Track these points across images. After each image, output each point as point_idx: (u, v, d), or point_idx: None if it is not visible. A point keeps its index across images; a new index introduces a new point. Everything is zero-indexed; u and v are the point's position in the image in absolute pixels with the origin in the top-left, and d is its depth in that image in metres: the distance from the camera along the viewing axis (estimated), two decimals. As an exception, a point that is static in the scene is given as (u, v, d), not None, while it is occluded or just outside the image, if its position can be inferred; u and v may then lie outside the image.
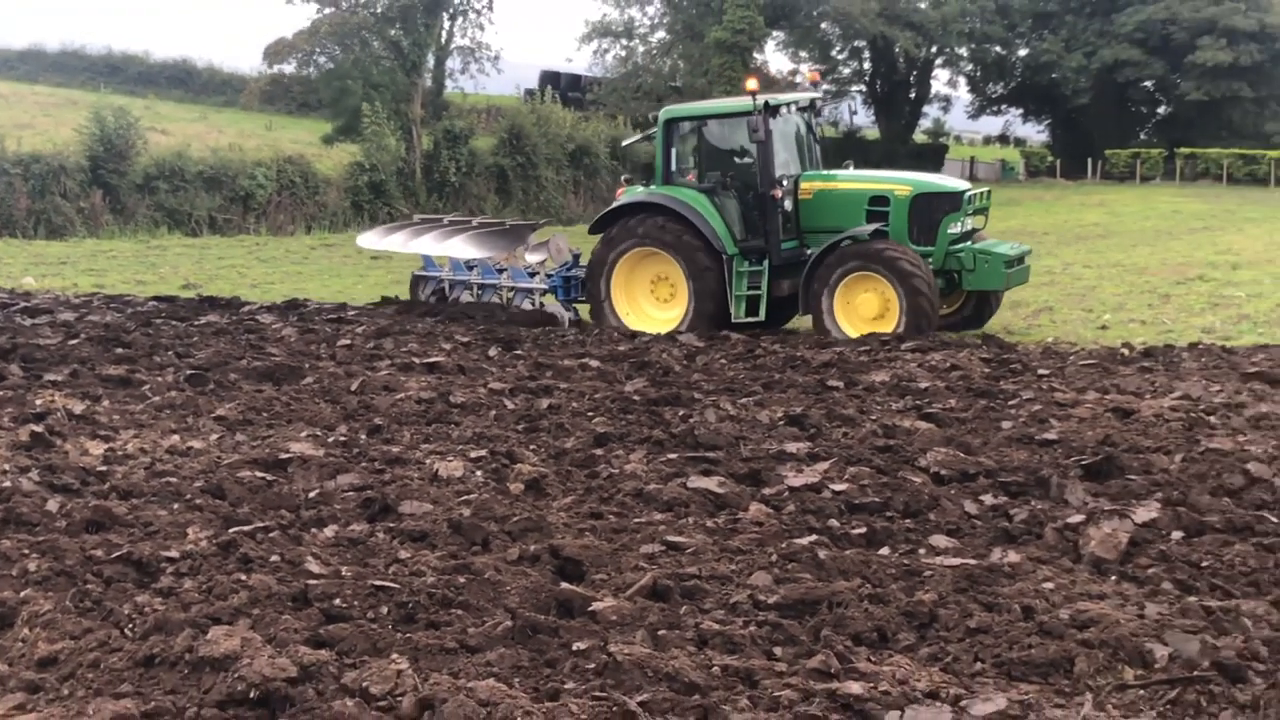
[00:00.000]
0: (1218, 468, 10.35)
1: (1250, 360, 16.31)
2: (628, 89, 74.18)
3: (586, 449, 11.20)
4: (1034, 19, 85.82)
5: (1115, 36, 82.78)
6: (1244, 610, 7.19)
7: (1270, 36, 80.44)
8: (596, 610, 6.96)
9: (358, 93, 53.13)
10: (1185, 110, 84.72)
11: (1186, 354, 17.12)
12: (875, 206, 20.05)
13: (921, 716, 5.65)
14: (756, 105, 19.79)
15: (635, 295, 20.61)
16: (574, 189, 54.55)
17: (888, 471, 10.31)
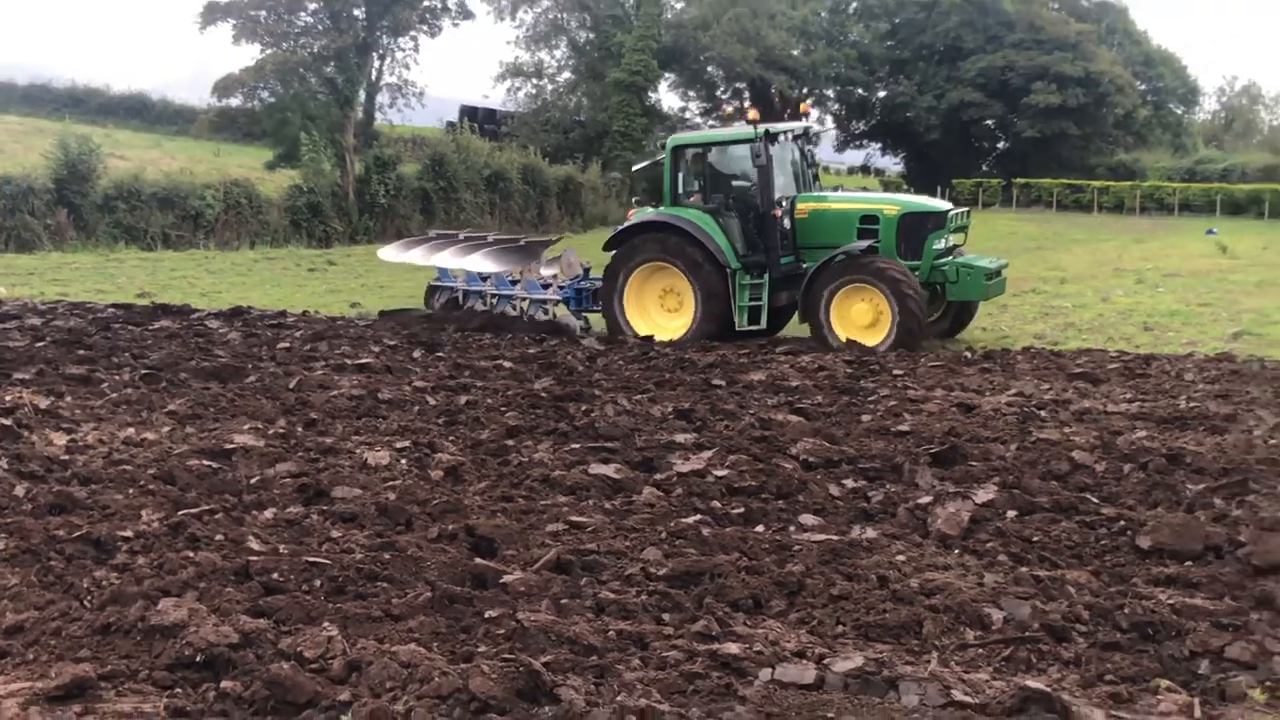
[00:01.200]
0: (1047, 455, 10.47)
1: (1075, 362, 16.56)
2: (537, 122, 74.26)
3: (499, 440, 11.14)
4: (891, 65, 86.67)
5: (961, 81, 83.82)
6: (1068, 579, 7.28)
7: (1094, 81, 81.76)
8: (507, 582, 6.94)
9: (297, 124, 52.79)
10: (1021, 145, 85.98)
11: (1020, 357, 17.35)
12: (866, 225, 19.83)
13: (789, 673, 5.67)
14: (758, 133, 19.63)
15: (646, 306, 20.27)
16: (490, 210, 54.45)
17: (763, 459, 10.32)
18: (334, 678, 5.54)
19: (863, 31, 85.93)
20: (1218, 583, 7.35)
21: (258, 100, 58.43)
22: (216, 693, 5.51)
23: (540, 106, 77.38)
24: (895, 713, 5.28)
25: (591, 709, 5.12)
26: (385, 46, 62.09)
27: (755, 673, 5.72)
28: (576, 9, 78.38)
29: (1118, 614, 6.58)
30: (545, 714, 5.13)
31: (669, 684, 5.61)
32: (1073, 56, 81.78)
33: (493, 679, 5.28)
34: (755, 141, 19.65)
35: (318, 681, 5.47)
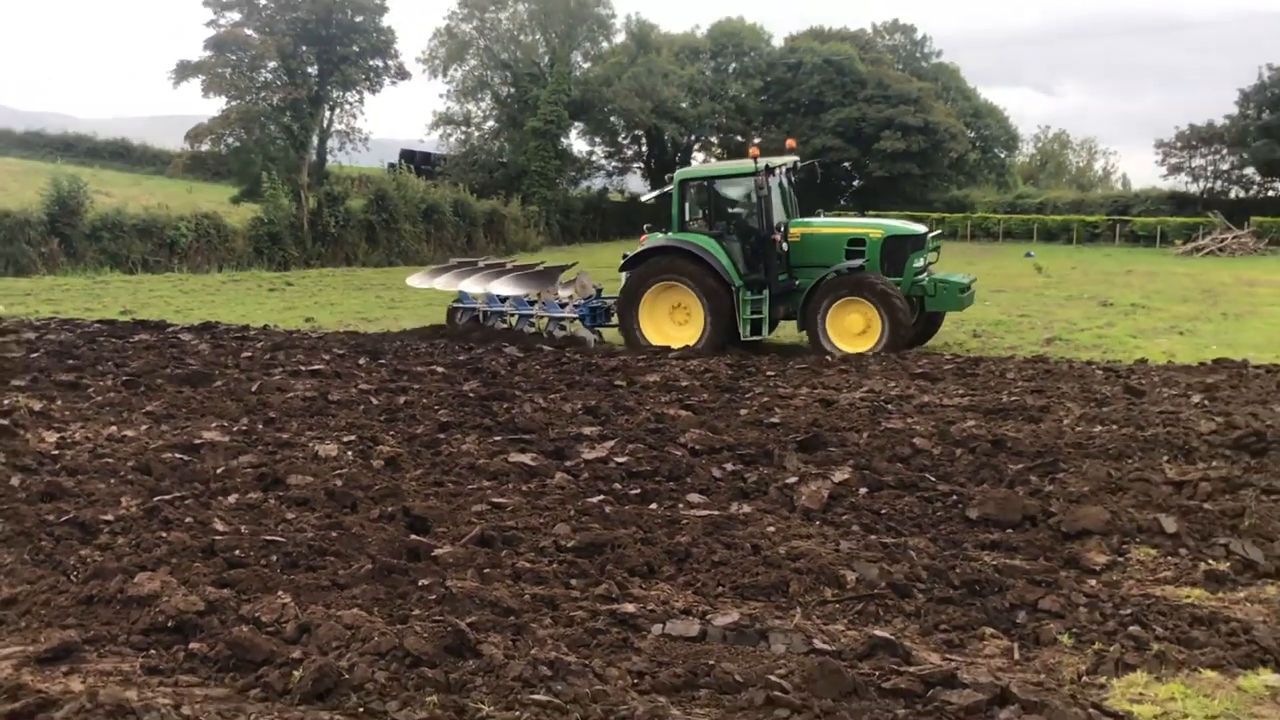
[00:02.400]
0: (893, 442, 10.56)
1: (916, 364, 16.72)
2: (466, 163, 74.01)
3: (433, 434, 11.04)
4: (764, 116, 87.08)
5: (823, 130, 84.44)
6: (910, 545, 7.35)
7: (933, 130, 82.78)
8: (438, 555, 6.88)
9: (259, 164, 52.41)
10: (873, 183, 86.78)
11: (871, 360, 17.49)
12: (853, 247, 19.51)
13: (677, 627, 5.67)
14: (759, 167, 19.33)
15: (658, 319, 19.85)
16: (426, 239, 54.07)
17: (657, 447, 10.32)
18: (287, 639, 5.47)
19: (740, 88, 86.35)
20: (1033, 546, 7.47)
21: (225, 145, 58.03)
22: (185, 653, 5.43)
23: (469, 150, 77.16)
24: (765, 659, 5.30)
25: (509, 661, 5.09)
26: (335, 99, 61.85)
27: (648, 628, 5.72)
28: (499, 67, 78.25)
29: (951, 574, 6.65)
30: (469, 666, 5.09)
31: (576, 639, 5.60)
32: (915, 109, 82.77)
33: (424, 637, 5.23)
34: (757, 175, 19.32)
35: (273, 642, 5.39)
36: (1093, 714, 4.72)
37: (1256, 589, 6.74)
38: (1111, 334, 21.22)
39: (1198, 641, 5.79)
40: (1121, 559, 7.26)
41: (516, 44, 78.26)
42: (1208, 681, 5.36)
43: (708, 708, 4.87)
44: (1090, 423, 11.74)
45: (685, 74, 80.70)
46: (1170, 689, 5.28)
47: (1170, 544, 7.48)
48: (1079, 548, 7.38)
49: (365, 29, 59.81)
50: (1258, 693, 5.24)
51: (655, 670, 5.16)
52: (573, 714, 4.61)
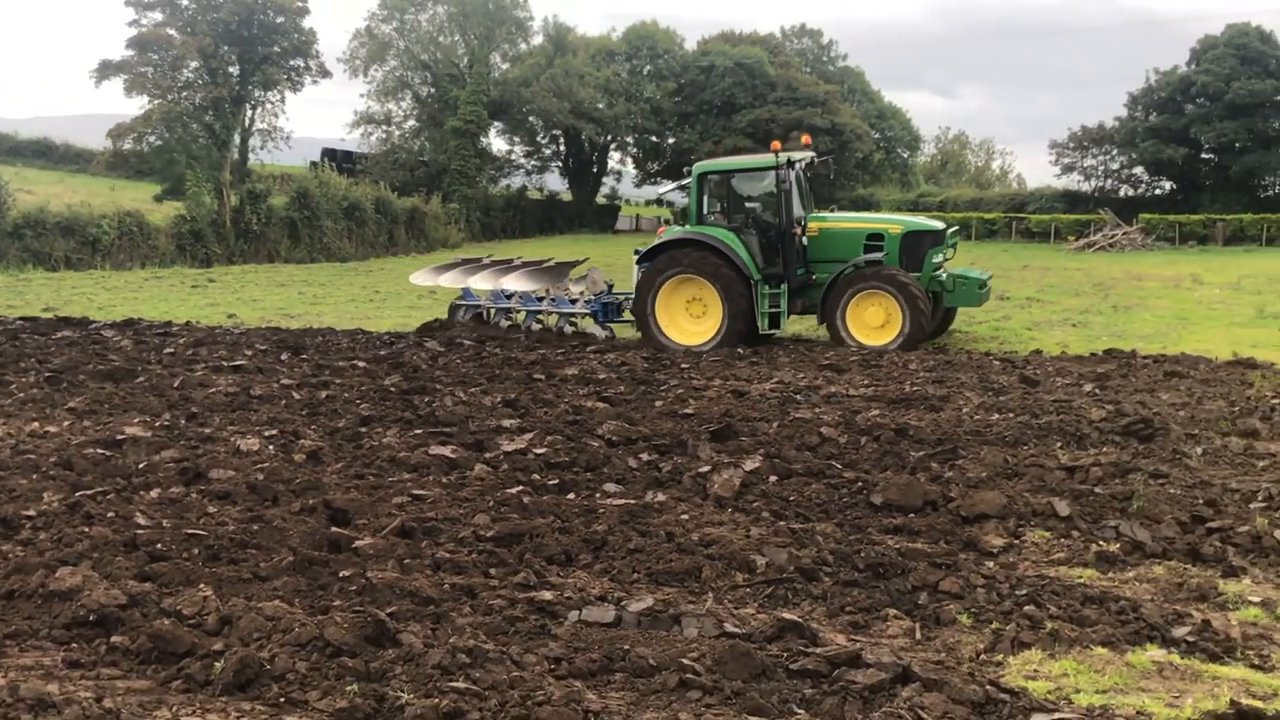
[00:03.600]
0: (801, 431, 10.63)
1: (824, 356, 16.87)
2: (388, 162, 73.58)
3: (354, 427, 10.91)
4: (678, 117, 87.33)
5: (734, 130, 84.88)
6: (818, 530, 7.41)
7: (839, 131, 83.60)
8: (358, 546, 6.80)
9: (181, 163, 51.71)
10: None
11: (781, 352, 17.62)
12: (872, 241, 19.12)
13: (593, 614, 5.66)
14: (780, 160, 18.95)
15: (673, 313, 19.30)
16: (348, 236, 53.53)
17: (575, 439, 10.30)
18: (209, 631, 5.38)
19: (655, 89, 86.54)
20: (934, 530, 7.56)
21: (147, 143, 57.12)
22: (107, 646, 5.33)
23: (390, 148, 76.72)
24: (678, 643, 5.31)
25: (428, 650, 5.05)
26: (256, 98, 61.18)
27: (565, 614, 5.71)
28: (419, 68, 77.79)
29: (856, 557, 6.71)
30: (389, 655, 5.04)
31: (494, 626, 5.57)
32: (822, 111, 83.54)
33: (345, 628, 5.17)
34: (779, 168, 18.95)
35: (195, 634, 5.30)
36: (989, 690, 4.78)
37: (1144, 569, 6.88)
38: (1008, 326, 21.56)
39: (1089, 619, 5.89)
40: (1017, 541, 7.38)
41: (436, 45, 77.85)
42: (1098, 658, 5.46)
43: (623, 691, 4.87)
44: (988, 411, 11.93)
45: (601, 75, 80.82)
46: (1063, 665, 5.37)
47: (1063, 526, 7.63)
48: (977, 531, 7.49)
49: (286, 30, 59.19)
50: (1145, 668, 5.35)
51: (572, 656, 5.15)
52: (490, 700, 4.58)
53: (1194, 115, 78.35)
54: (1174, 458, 9.62)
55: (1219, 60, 77.23)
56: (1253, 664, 5.47)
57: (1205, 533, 7.49)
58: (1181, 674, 5.30)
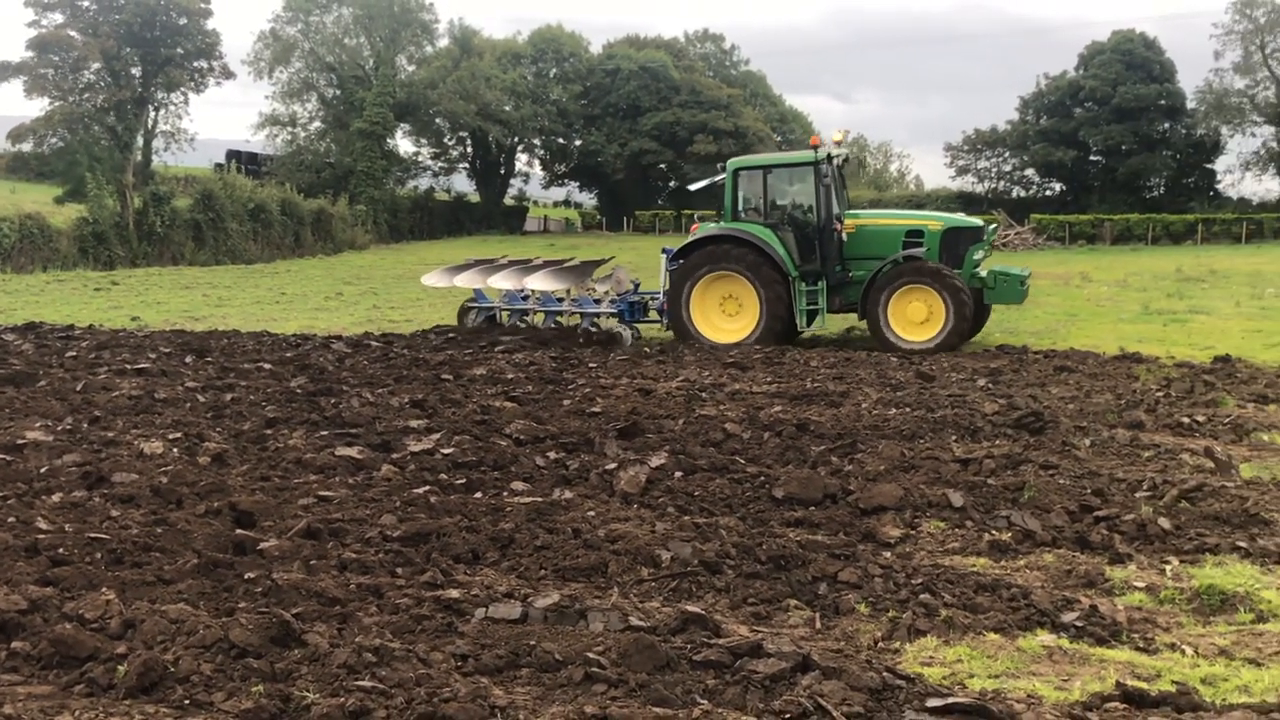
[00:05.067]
0: (706, 427, 10.69)
1: (729, 355, 16.97)
2: (293, 163, 72.72)
3: (259, 430, 10.73)
4: (585, 120, 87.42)
5: (640, 133, 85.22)
6: (721, 524, 7.44)
7: (742, 134, 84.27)
8: (264, 548, 6.70)
9: (83, 165, 50.46)
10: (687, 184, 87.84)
11: (687, 352, 17.69)
12: (911, 239, 18.72)
13: (500, 610, 5.64)
14: (820, 156, 18.59)
15: (707, 310, 18.93)
16: (254, 238, 52.71)
17: (482, 438, 10.24)
18: (112, 634, 5.25)
19: (561, 92, 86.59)
20: (833, 522, 7.66)
21: (48, 145, 55.79)
22: (8, 652, 5.18)
23: (295, 150, 75.84)
24: (584, 637, 5.31)
25: (334, 649, 4.99)
26: (159, 100, 60.06)
27: (472, 612, 5.67)
28: (324, 70, 76.95)
29: (758, 550, 6.76)
30: (295, 656, 4.98)
31: (400, 625, 5.52)
32: (725, 114, 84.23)
33: (250, 629, 5.10)
34: (819, 163, 18.63)
35: (98, 638, 5.18)
36: (886, 677, 4.86)
37: (1035, 557, 7.04)
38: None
39: (982, 607, 6.01)
40: (914, 532, 7.50)
41: (341, 47, 77.04)
42: (991, 643, 5.57)
43: (529, 686, 4.86)
44: (886, 406, 12.10)
45: (508, 78, 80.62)
46: (957, 651, 5.47)
47: (957, 517, 7.77)
48: (875, 523, 7.60)
49: (189, 31, 58.22)
50: (1035, 652, 5.47)
51: (478, 652, 5.13)
52: (397, 698, 4.54)
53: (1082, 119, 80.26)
54: (1063, 449, 9.84)
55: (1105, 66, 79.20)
56: (1138, 647, 5.61)
57: (1093, 521, 7.67)
58: (1070, 657, 5.43)
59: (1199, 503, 8.10)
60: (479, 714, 4.45)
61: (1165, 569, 6.79)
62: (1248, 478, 9.07)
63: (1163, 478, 8.79)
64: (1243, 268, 40.39)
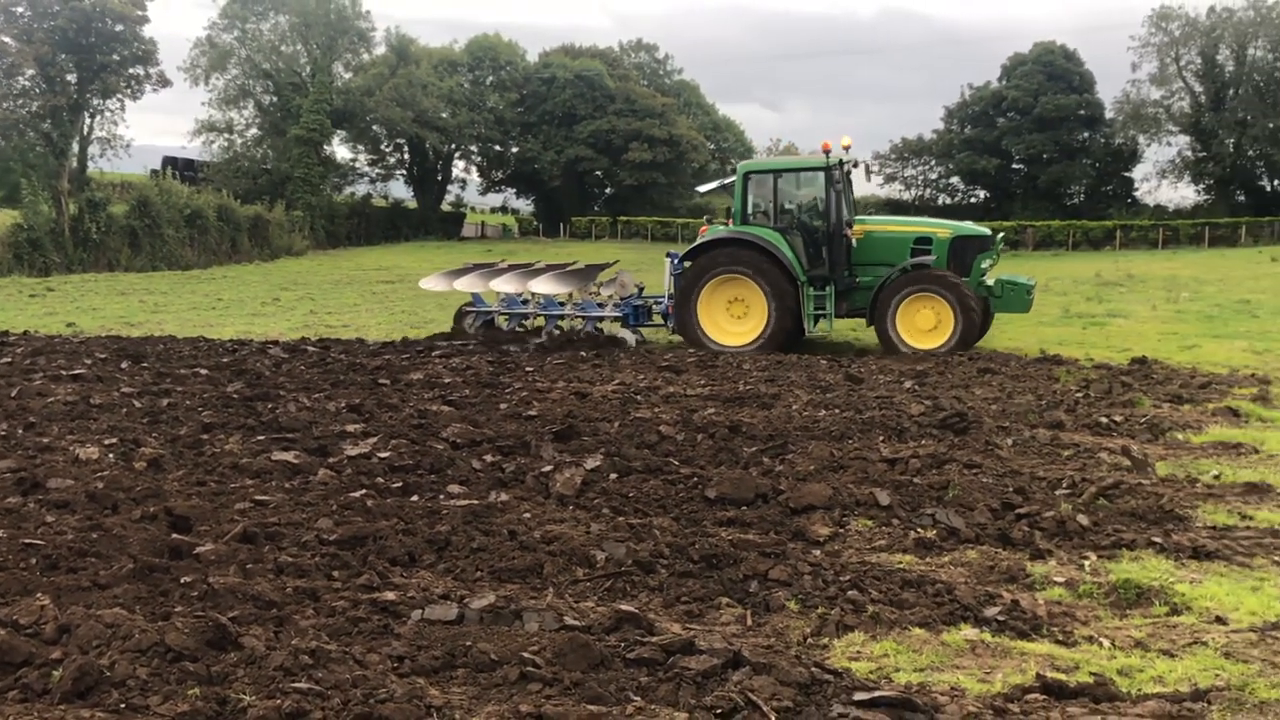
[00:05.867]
0: (641, 430, 10.71)
1: (663, 358, 17.02)
2: (230, 170, 71.93)
3: (196, 435, 10.58)
4: (521, 127, 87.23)
5: (576, 140, 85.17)
6: (655, 524, 7.45)
7: (676, 142, 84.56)
8: (200, 553, 6.61)
9: (18, 171, 49.65)
10: (623, 191, 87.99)
11: (624, 356, 17.71)
12: (920, 245, 18.64)
13: (436, 612, 5.61)
14: (832, 161, 18.39)
15: (714, 313, 18.78)
16: (190, 244, 52.06)
17: (419, 442, 10.18)
18: (47, 640, 5.15)
19: (498, 99, 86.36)
20: (765, 521, 7.71)
21: (-21, 151, 54.84)
22: (-62, 661, 5.07)
23: (232, 156, 75.06)
24: (520, 637, 5.30)
25: (270, 652, 4.95)
26: (95, 107, 59.09)
27: (408, 613, 5.64)
28: (261, 76, 76.17)
29: (691, 549, 6.78)
30: (231, 659, 4.92)
31: (337, 628, 5.48)
32: (659, 123, 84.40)
33: (185, 633, 5.03)
34: (831, 168, 18.45)
35: (32, 643, 5.08)
36: (815, 672, 4.90)
37: (959, 553, 7.13)
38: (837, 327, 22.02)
39: (908, 602, 6.08)
40: (842, 530, 7.56)
41: (278, 54, 76.30)
42: (916, 638, 5.64)
43: (465, 686, 4.85)
44: (816, 408, 12.19)
45: (445, 86, 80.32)
46: (884, 646, 5.53)
47: (885, 515, 7.85)
48: (805, 521, 7.65)
49: (126, 38, 57.25)
50: (959, 646, 5.54)
51: (415, 654, 5.10)
52: (333, 699, 4.51)
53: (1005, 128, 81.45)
54: (986, 449, 9.99)
55: (1027, 76, 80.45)
56: (1057, 640, 5.70)
57: (1014, 518, 7.79)
58: (992, 651, 5.51)
59: (1116, 500, 8.26)
60: (415, 714, 4.43)
61: (1084, 564, 6.91)
62: (1163, 475, 9.27)
63: (1082, 476, 8.96)
64: (1159, 272, 41.18)
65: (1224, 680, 5.09)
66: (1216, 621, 5.93)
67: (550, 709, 4.49)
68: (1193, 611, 6.08)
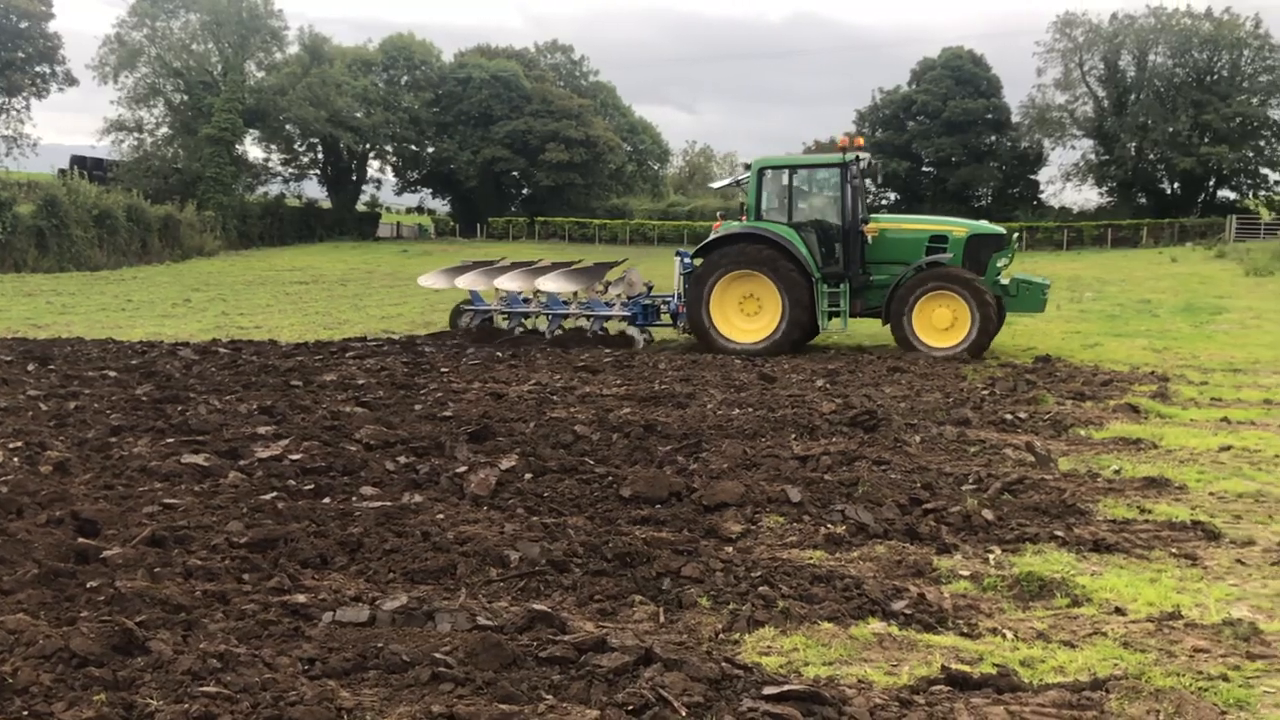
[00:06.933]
0: (556, 430, 10.68)
1: (579, 358, 17.01)
2: (140, 169, 70.56)
3: (104, 438, 10.35)
4: (437, 127, 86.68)
5: (492, 141, 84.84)
6: (570, 524, 7.45)
7: (593, 143, 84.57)
8: (107, 557, 6.47)
9: (-81, 169, 48.41)
10: (540, 192, 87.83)
11: (539, 355, 17.67)
12: (935, 244, 18.35)
13: (348, 614, 5.56)
14: (848, 158, 18.10)
15: (726, 310, 18.44)
16: (99, 244, 50.98)
17: (332, 444, 10.05)
18: (-57, 650, 5.03)
19: (413, 99, 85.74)
20: (678, 519, 7.73)
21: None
22: None
23: (142, 156, 73.64)
24: (432, 638, 5.27)
25: (178, 656, 4.87)
26: (0, 105, 57.61)
27: (319, 616, 5.58)
28: (171, 75, 74.84)
29: (605, 548, 6.79)
30: (138, 664, 4.84)
31: (247, 631, 5.41)
32: (576, 124, 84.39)
33: (91, 638, 4.94)
34: (847, 165, 18.18)
35: (-71, 654, 4.96)
36: (725, 667, 4.94)
37: (867, 548, 7.22)
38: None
39: (817, 597, 6.14)
40: (754, 527, 7.62)
41: (189, 52, 75.03)
42: (825, 632, 5.70)
43: (376, 687, 4.81)
44: (730, 407, 12.27)
45: (359, 85, 79.60)
46: (794, 640, 5.58)
47: (796, 512, 7.92)
48: (718, 519, 7.70)
49: (30, 35, 55.92)
50: (867, 639, 5.62)
51: (325, 656, 5.05)
52: (242, 703, 4.46)
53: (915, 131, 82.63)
54: (895, 446, 10.13)
55: (936, 81, 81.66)
56: (962, 632, 5.80)
57: (922, 513, 7.90)
58: (899, 644, 5.59)
59: (1020, 495, 8.43)
60: (325, 716, 4.39)
61: (988, 558, 7.04)
62: (1065, 470, 9.47)
63: (987, 471, 9.13)
64: (1063, 273, 42.03)
65: (1122, 669, 5.22)
66: (1116, 612, 6.07)
67: (462, 709, 4.47)
68: (1093, 603, 6.22)
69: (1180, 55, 77.40)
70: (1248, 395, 13.80)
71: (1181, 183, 79.11)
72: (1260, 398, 13.56)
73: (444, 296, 30.80)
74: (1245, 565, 6.93)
